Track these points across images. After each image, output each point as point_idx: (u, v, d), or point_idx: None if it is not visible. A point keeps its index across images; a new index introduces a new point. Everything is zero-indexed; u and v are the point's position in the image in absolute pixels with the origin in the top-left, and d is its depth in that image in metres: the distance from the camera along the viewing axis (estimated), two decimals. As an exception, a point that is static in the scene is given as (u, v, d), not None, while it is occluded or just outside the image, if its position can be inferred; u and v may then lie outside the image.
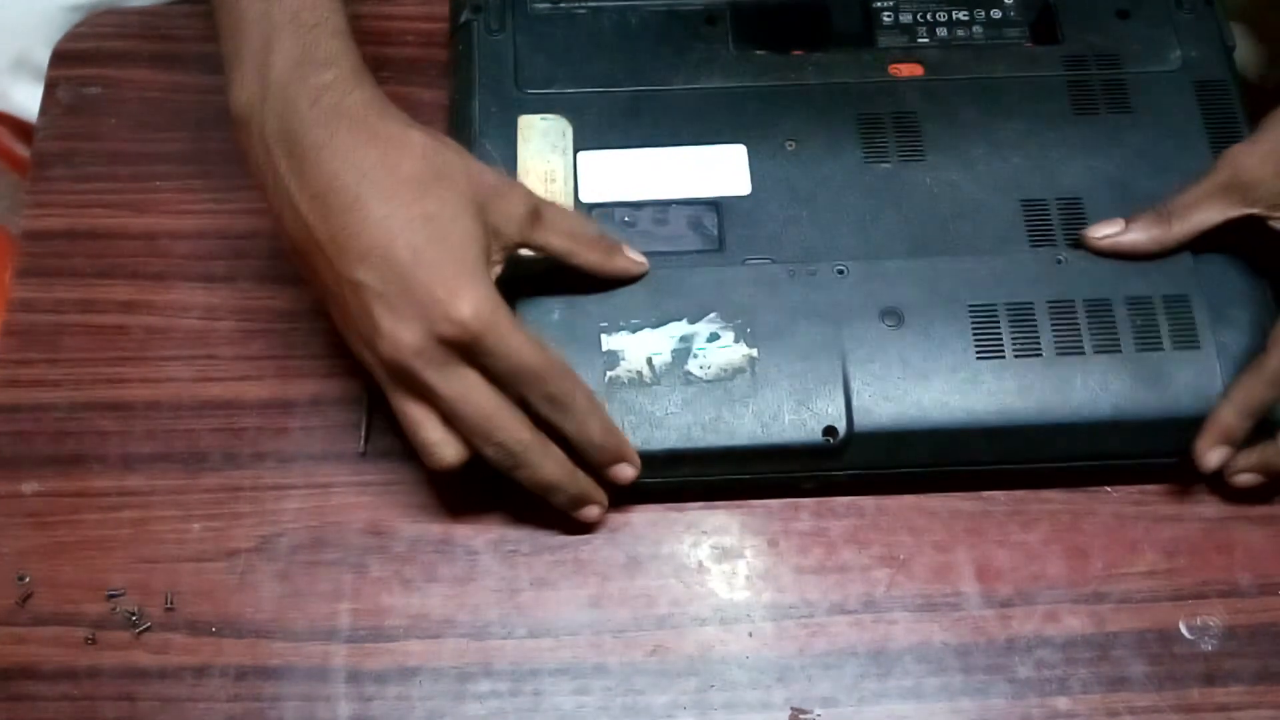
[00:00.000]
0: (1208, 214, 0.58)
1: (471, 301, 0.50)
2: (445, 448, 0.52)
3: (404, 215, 0.51)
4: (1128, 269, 0.58)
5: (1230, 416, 0.55)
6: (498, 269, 0.53)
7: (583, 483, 0.55)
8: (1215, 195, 0.57)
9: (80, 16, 0.71)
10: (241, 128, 0.54)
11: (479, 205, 0.52)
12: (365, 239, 0.50)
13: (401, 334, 0.50)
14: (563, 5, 0.64)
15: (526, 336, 0.51)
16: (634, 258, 0.57)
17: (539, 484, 0.54)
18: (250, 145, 0.53)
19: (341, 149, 0.51)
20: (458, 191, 0.52)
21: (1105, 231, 0.59)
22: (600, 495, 0.56)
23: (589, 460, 0.55)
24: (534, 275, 0.56)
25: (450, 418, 0.52)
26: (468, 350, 0.51)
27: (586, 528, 0.57)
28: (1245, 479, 0.57)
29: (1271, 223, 0.57)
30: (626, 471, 0.55)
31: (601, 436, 0.54)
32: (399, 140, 0.52)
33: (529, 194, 0.55)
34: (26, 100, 0.73)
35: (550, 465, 0.54)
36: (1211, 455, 0.56)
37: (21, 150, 0.80)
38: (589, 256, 0.56)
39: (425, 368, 0.51)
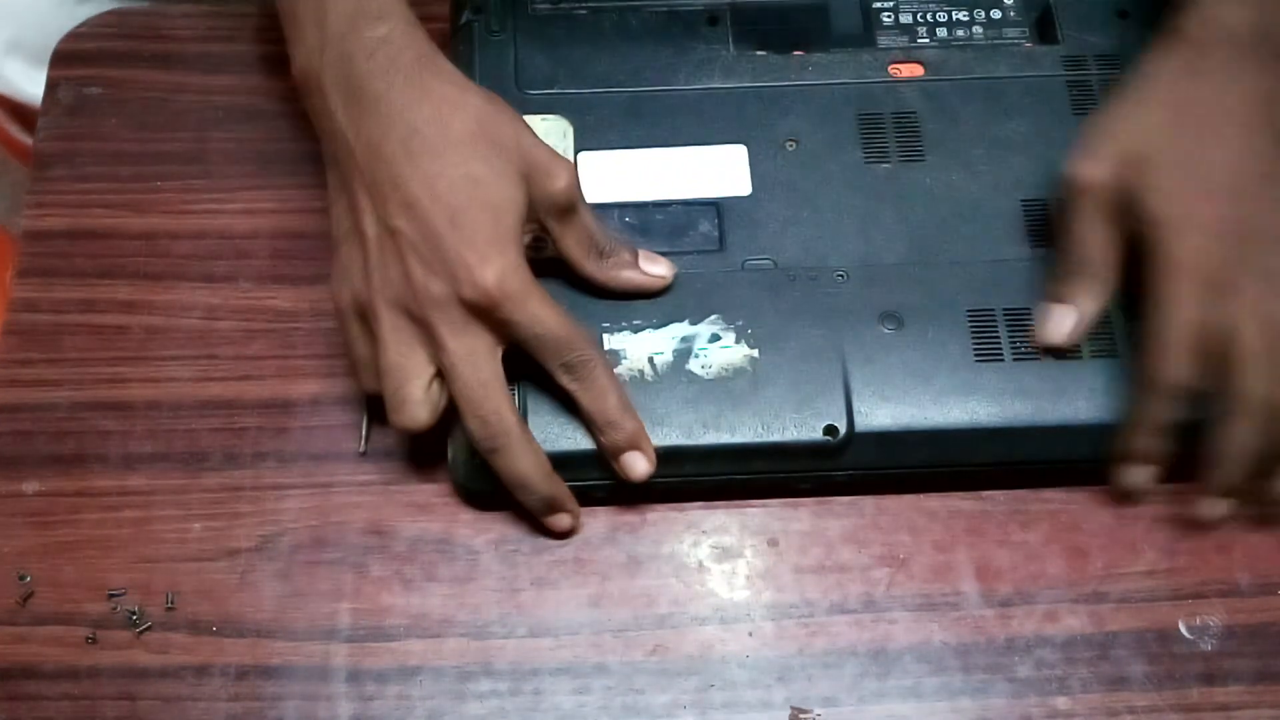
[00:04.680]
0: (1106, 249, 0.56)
1: (497, 269, 0.51)
2: (420, 408, 0.53)
3: (450, 174, 0.52)
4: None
5: (1140, 440, 0.55)
6: (528, 238, 0.54)
7: (557, 487, 0.55)
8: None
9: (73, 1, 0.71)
10: (303, 83, 0.56)
11: (524, 175, 0.53)
12: (410, 191, 0.52)
13: (431, 286, 0.51)
14: (563, 6, 0.64)
15: (550, 305, 0.52)
16: (653, 271, 0.57)
17: (513, 475, 0.54)
18: (311, 96, 0.55)
19: (397, 103, 0.53)
20: (506, 158, 0.53)
21: (1061, 327, 0.56)
22: (573, 505, 0.56)
23: (602, 441, 0.54)
24: (545, 262, 0.57)
25: (448, 375, 0.52)
26: (488, 315, 0.52)
27: (587, 526, 0.57)
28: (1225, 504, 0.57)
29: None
30: (640, 464, 0.54)
31: (617, 412, 0.54)
32: (454, 100, 0.53)
33: (573, 184, 0.54)
34: (22, 81, 0.73)
35: (528, 458, 0.53)
36: (1131, 477, 0.56)
37: (18, 134, 0.80)
38: (591, 268, 0.56)
39: (441, 322, 0.51)
